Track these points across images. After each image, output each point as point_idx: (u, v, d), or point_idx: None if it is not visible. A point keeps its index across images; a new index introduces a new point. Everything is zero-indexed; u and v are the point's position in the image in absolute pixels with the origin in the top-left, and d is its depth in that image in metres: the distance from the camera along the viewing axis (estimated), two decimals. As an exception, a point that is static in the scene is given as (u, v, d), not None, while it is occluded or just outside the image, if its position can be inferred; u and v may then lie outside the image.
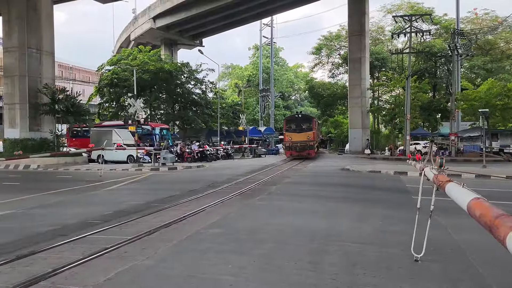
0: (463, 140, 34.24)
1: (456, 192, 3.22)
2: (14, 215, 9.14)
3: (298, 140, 30.13)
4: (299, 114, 33.97)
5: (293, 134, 30.66)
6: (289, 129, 31.45)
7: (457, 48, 33.27)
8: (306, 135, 30.31)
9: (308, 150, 30.19)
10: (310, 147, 30.23)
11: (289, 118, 34.69)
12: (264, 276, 4.69)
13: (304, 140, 30.13)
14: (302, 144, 30.05)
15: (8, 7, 28.47)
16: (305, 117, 33.55)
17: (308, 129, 30.68)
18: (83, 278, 4.70)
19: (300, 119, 32.03)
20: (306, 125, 31.04)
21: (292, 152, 30.53)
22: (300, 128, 30.77)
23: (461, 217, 6.72)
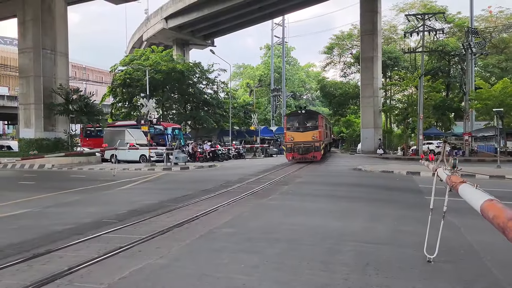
0: (477, 140, 33.83)
1: (469, 193, 3.21)
2: (31, 214, 9.31)
3: (301, 141, 25.71)
4: (303, 110, 28.32)
5: (296, 134, 26.13)
6: (290, 127, 26.78)
7: (471, 47, 32.88)
8: (311, 134, 25.80)
9: (313, 152, 25.58)
10: (315, 148, 25.65)
11: (290, 115, 29.08)
12: (276, 276, 4.72)
13: (308, 141, 25.69)
14: (306, 145, 25.62)
15: (23, 8, 28.94)
16: (309, 113, 27.99)
17: (314, 127, 26.22)
18: (98, 276, 4.78)
19: (304, 116, 27.07)
20: (311, 123, 26.51)
21: (294, 155, 25.84)
22: (304, 126, 26.39)
23: (475, 217, 6.67)
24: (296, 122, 26.71)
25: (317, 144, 25.62)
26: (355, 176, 17.93)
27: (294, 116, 27.51)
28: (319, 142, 25.75)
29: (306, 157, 25.53)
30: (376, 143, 39.26)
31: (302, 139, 25.75)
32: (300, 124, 26.59)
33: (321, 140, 26.08)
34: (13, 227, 7.87)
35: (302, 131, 26.12)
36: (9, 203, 10.84)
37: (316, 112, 29.68)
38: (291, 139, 25.94)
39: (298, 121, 26.71)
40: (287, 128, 26.92)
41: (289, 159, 26.22)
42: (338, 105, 55.44)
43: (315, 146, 25.57)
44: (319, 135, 25.88)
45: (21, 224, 8.11)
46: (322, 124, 27.43)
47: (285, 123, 27.92)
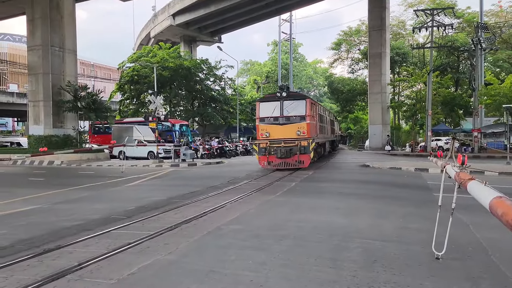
0: (487, 136, 33.51)
1: (478, 190, 3.20)
2: (40, 210, 9.42)
3: (281, 138, 17.74)
4: (283, 92, 18.33)
5: (272, 127, 17.94)
6: (265, 118, 18.30)
7: (481, 42, 32.52)
8: (296, 128, 17.75)
9: (298, 155, 17.50)
10: (302, 149, 17.50)
11: (265, 99, 20.21)
12: (284, 272, 4.74)
13: (291, 138, 17.68)
14: (287, 144, 17.63)
15: (32, 6, 29.15)
16: (293, 97, 18.63)
17: (299, 118, 17.91)
18: (108, 272, 4.84)
19: (285, 101, 18.13)
20: (295, 111, 17.98)
21: (270, 159, 17.75)
22: (285, 117, 18.02)
23: (483, 214, 6.64)
24: (274, 111, 18.03)
25: (304, 143, 17.45)
26: (363, 173, 17.88)
27: (270, 102, 18.45)
28: (308, 140, 17.54)
29: (288, 162, 17.60)
30: (384, 139, 39.06)
31: (281, 136, 17.69)
32: (279, 113, 17.98)
33: (311, 137, 17.82)
34: (23, 223, 7.97)
35: (281, 124, 17.84)
36: (19, 199, 10.98)
37: (303, 96, 19.68)
38: (265, 136, 17.77)
39: (276, 108, 18.00)
40: (261, 119, 18.29)
41: (263, 165, 17.91)
42: (346, 101, 55.23)
43: (301, 146, 17.43)
44: (307, 130, 17.67)
45: (31, 220, 8.21)
46: (313, 113, 19.40)
47: (257, 111, 18.70)
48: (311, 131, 18.18)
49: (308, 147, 17.63)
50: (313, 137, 18.34)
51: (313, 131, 18.84)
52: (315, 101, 22.29)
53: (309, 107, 18.30)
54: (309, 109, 18.26)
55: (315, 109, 20.36)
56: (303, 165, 17.66)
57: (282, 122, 17.94)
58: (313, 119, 18.97)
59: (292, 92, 20.52)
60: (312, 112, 19.06)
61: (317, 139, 19.89)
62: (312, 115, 18.71)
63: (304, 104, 18.09)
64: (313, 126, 18.80)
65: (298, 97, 19.03)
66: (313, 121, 18.88)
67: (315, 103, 21.13)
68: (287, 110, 17.98)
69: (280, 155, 17.52)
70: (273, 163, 17.77)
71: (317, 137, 19.98)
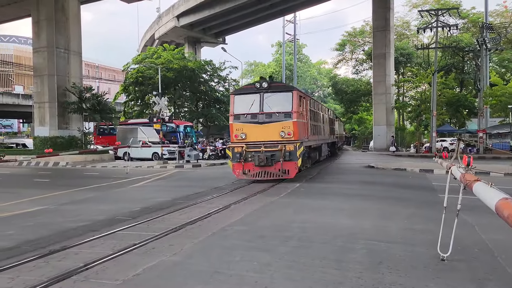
0: (492, 137, 33.36)
1: (484, 191, 3.20)
2: (46, 211, 9.47)
3: (260, 141, 14.13)
4: (263, 82, 14.62)
5: (250, 127, 14.36)
6: (241, 115, 14.61)
7: (486, 42, 32.39)
8: (279, 128, 14.10)
9: (282, 162, 13.78)
10: (287, 155, 13.89)
11: (242, 91, 16.32)
12: (289, 274, 4.74)
13: (273, 141, 14.09)
14: (269, 148, 14.03)
15: (37, 8, 29.31)
16: (277, 89, 14.89)
17: (283, 116, 14.19)
18: (113, 272, 4.86)
19: (266, 94, 14.49)
20: (279, 107, 14.32)
21: (246, 167, 14.08)
22: (266, 114, 14.26)
23: (489, 216, 6.60)
24: (252, 106, 14.44)
25: (290, 147, 13.86)
26: (368, 174, 17.85)
27: (248, 95, 14.79)
28: (294, 144, 13.89)
29: (269, 172, 13.94)
30: (388, 140, 38.96)
31: (261, 138, 14.14)
32: (258, 109, 14.33)
33: (299, 140, 14.13)
34: (30, 224, 8.02)
35: (261, 123, 14.27)
36: (25, 200, 11.05)
37: (289, 87, 16.07)
38: (241, 138, 14.31)
39: (254, 103, 14.41)
40: (235, 116, 14.67)
41: (238, 174, 14.29)
42: (350, 102, 55.15)
43: (286, 151, 13.82)
44: (294, 130, 14.02)
45: (37, 221, 8.26)
46: (303, 109, 15.60)
47: (231, 107, 15.03)
48: (300, 132, 14.33)
49: (295, 152, 13.75)
50: (301, 139, 14.44)
51: (302, 132, 14.97)
52: (306, 94, 17.79)
53: (297, 101, 14.39)
54: (297, 103, 14.36)
55: (306, 104, 16.24)
56: (288, 175, 13.85)
57: (262, 121, 14.14)
58: (302, 116, 15.10)
59: (275, 82, 15.68)
60: (301, 108, 15.13)
61: (308, 142, 15.90)
62: (300, 112, 14.80)
63: (290, 98, 14.24)
64: (302, 126, 14.93)
65: (283, 88, 15.13)
66: (302, 119, 15.02)
67: (306, 96, 16.87)
68: (269, 105, 14.20)
69: (259, 162, 13.67)
70: (251, 173, 13.99)
71: (307, 139, 15.90)
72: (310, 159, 18.04)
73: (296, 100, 14.35)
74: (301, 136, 14.53)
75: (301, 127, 14.74)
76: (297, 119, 14.22)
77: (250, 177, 14.27)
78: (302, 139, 14.64)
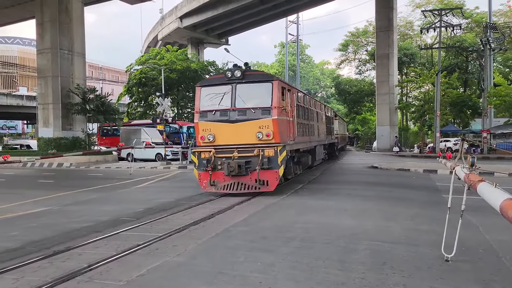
0: (496, 137, 33.23)
1: (488, 192, 3.19)
2: (50, 212, 9.50)
3: (233, 144, 11.52)
4: (236, 71, 11.70)
5: (219, 127, 11.71)
6: (208, 112, 11.89)
7: (490, 42, 32.28)
8: (255, 127, 11.44)
9: (259, 171, 11.06)
10: (266, 162, 11.15)
11: (211, 83, 12.64)
12: (292, 274, 4.73)
13: (248, 145, 11.45)
14: (243, 154, 11.39)
15: (41, 10, 29.45)
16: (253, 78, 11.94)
17: (261, 112, 11.47)
18: (117, 273, 4.86)
19: (240, 84, 11.76)
20: (255, 101, 11.71)
21: (214, 176, 11.46)
22: (239, 111, 11.60)
23: (494, 216, 6.58)
24: (222, 100, 11.77)
25: (269, 151, 11.18)
26: (371, 174, 17.81)
27: (217, 86, 12.05)
28: (275, 148, 11.20)
29: (243, 183, 11.29)
30: (392, 140, 38.90)
31: (233, 140, 11.50)
32: (229, 104, 11.66)
33: (280, 143, 11.40)
34: (34, 224, 8.05)
35: (233, 121, 11.56)
36: (29, 201, 11.09)
37: (268, 76, 12.70)
38: (208, 140, 11.68)
39: (225, 97, 11.75)
40: (202, 113, 11.92)
41: (205, 186, 11.60)
42: (353, 102, 55.09)
43: (265, 157, 11.15)
44: (274, 130, 11.30)
45: (41, 222, 8.29)
46: (288, 104, 12.59)
47: (197, 102, 12.22)
48: (282, 132, 11.51)
49: (276, 158, 11.04)
50: (285, 141, 11.66)
51: (286, 132, 12.05)
52: (292, 85, 14.39)
53: (278, 94, 11.48)
54: (279, 96, 11.47)
55: (292, 97, 13.15)
56: (266, 187, 11.10)
57: (235, 119, 11.41)
58: (285, 113, 12.11)
59: (251, 70, 12.45)
60: (285, 103, 12.22)
61: (294, 145, 12.96)
62: (283, 107, 11.85)
63: (270, 89, 11.42)
64: (285, 124, 11.95)
65: (261, 78, 12.04)
66: (285, 116, 12.01)
67: (292, 88, 13.69)
68: (243, 99, 11.48)
69: (229, 171, 11.02)
70: (220, 184, 11.28)
71: (294, 141, 12.92)
72: (300, 164, 15.33)
73: (277, 92, 11.43)
74: (283, 137, 11.61)
75: (283, 127, 11.75)
76: (279, 116, 11.34)
77: (220, 189, 11.23)
78: (286, 141, 11.84)
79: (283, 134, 11.69)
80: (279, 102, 11.46)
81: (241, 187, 11.20)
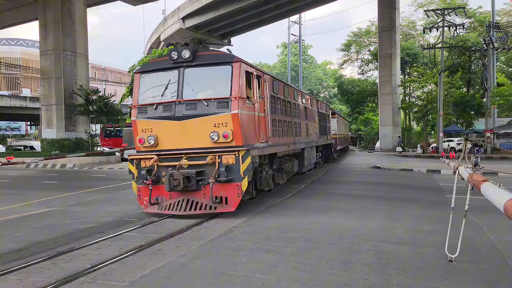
0: (500, 137, 33.14)
1: (492, 192, 3.17)
2: (54, 213, 9.53)
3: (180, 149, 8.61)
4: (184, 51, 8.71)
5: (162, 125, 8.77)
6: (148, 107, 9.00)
7: (493, 42, 32.18)
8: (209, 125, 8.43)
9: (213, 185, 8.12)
10: (224, 173, 8.27)
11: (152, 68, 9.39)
12: (295, 275, 4.73)
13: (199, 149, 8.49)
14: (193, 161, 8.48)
15: (44, 12, 29.56)
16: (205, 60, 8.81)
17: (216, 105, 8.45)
18: (120, 274, 4.88)
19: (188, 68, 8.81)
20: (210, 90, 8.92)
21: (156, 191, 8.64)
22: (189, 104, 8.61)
23: (498, 216, 6.56)
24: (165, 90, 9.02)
25: (229, 158, 8.40)
26: (374, 175, 17.79)
27: (160, 72, 9.24)
28: (236, 153, 8.37)
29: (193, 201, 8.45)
30: (395, 140, 38.85)
31: (180, 143, 8.74)
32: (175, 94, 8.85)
33: (244, 146, 8.44)
34: (38, 225, 8.07)
35: (180, 118, 8.67)
36: (33, 202, 11.13)
37: (227, 57, 9.08)
38: (149, 143, 8.91)
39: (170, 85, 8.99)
40: (140, 108, 9.18)
41: (146, 204, 8.78)
42: (356, 102, 55.05)
43: (222, 165, 8.38)
44: (235, 129, 8.40)
45: (45, 223, 8.31)
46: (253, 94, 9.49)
47: (135, 93, 9.50)
48: (246, 132, 8.66)
49: (237, 167, 8.31)
50: (251, 144, 8.77)
51: (252, 131, 9.12)
52: (264, 71, 10.92)
53: (240, 81, 8.62)
54: (241, 84, 8.61)
55: (263, 86, 10.09)
56: (225, 206, 8.33)
57: (181, 114, 8.62)
58: (251, 106, 9.12)
59: (204, 50, 9.21)
60: (253, 92, 9.37)
61: (266, 149, 9.69)
62: (247, 98, 8.95)
63: (229, 74, 8.64)
64: (251, 121, 9.08)
65: (216, 59, 8.96)
66: (250, 111, 9.07)
67: (264, 74, 10.39)
68: (193, 87, 8.74)
69: (172, 186, 8.22)
70: (164, 203, 8.57)
71: (267, 143, 9.85)
72: (282, 172, 12.46)
73: (239, 78, 8.53)
74: (248, 138, 8.67)
75: (248, 124, 8.81)
76: (241, 109, 8.41)
77: (163, 210, 8.43)
78: (252, 143, 8.90)
79: (248, 134, 8.70)
80: (241, 91, 8.49)
81: (191, 207, 8.26)
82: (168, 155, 8.63)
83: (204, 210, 8.23)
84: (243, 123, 8.49)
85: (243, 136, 8.41)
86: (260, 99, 9.79)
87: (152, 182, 8.48)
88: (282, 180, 12.56)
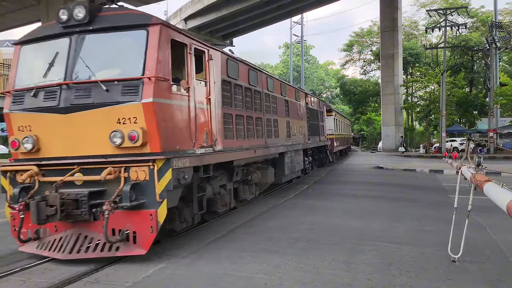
0: (503, 137, 33.06)
1: (495, 192, 3.17)
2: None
3: (69, 158, 5.72)
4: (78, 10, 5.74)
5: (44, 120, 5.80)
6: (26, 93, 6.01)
7: (495, 41, 32.11)
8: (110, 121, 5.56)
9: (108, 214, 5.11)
10: (129, 195, 5.26)
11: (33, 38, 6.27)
12: (298, 275, 4.72)
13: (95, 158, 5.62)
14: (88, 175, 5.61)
15: (47, 13, 29.63)
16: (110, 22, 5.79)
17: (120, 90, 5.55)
18: (123, 275, 4.88)
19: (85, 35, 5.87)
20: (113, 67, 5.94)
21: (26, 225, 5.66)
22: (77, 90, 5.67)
23: (501, 216, 6.55)
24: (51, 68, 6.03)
25: (138, 171, 5.51)
26: (376, 175, 17.76)
27: (46, 41, 6.19)
28: (149, 165, 5.43)
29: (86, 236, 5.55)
30: (397, 141, 38.80)
31: (71, 148, 5.78)
32: (62, 75, 5.84)
33: (164, 152, 5.59)
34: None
35: (68, 110, 5.67)
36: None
37: (139, 17, 5.90)
38: (26, 148, 5.93)
39: (57, 62, 5.99)
40: (16, 95, 6.15)
41: (23, 237, 5.77)
42: (358, 102, 55.02)
43: (127, 183, 5.42)
44: (149, 126, 5.49)
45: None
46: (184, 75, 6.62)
47: (12, 73, 6.45)
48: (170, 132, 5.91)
49: (151, 184, 5.49)
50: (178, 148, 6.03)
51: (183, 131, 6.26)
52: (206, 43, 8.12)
53: (160, 52, 5.74)
54: (161, 58, 5.77)
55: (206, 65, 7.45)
56: (130, 248, 5.42)
57: (70, 104, 5.74)
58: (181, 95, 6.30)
59: (108, 10, 6.20)
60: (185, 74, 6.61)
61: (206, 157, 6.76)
62: (167, 80, 5.89)
63: (143, 43, 5.75)
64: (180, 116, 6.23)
65: (125, 21, 5.92)
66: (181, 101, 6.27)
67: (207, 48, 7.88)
68: (88, 63, 5.84)
69: (42, 217, 5.31)
70: (47, 240, 5.80)
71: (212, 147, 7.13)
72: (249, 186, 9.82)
73: (157, 49, 5.74)
74: (174, 141, 5.99)
75: (174, 120, 6.07)
76: (161, 97, 5.72)
77: (44, 248, 5.68)
78: (182, 149, 6.16)
79: (173, 134, 5.98)
80: (161, 70, 5.75)
81: (81, 247, 5.49)
82: (54, 166, 5.83)
83: (101, 253, 5.37)
84: (163, 117, 5.70)
85: (162, 137, 5.61)
86: (203, 84, 7.02)
87: (25, 207, 5.50)
88: (251, 194, 9.95)
